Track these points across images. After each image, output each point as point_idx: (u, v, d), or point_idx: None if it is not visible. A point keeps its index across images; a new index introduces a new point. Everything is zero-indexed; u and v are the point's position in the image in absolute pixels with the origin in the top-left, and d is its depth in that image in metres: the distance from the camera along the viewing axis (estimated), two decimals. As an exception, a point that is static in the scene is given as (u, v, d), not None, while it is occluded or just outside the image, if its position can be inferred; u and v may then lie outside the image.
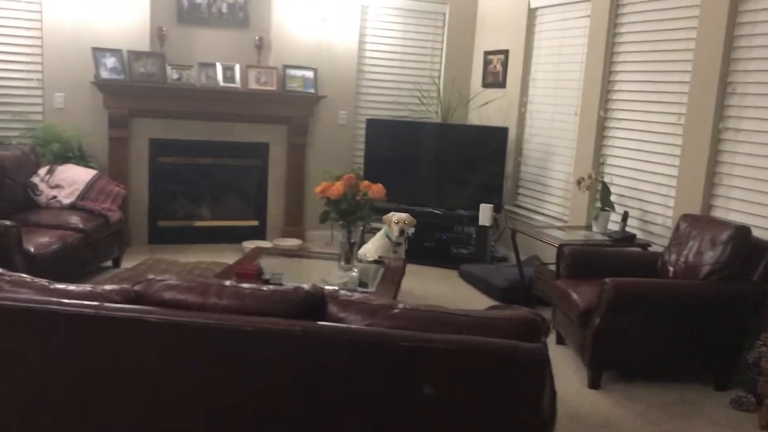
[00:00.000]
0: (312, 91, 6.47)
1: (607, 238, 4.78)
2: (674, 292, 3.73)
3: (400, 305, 2.14)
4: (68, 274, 4.68)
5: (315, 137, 6.70)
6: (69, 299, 2.10)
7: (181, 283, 2.17)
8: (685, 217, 4.23)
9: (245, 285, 2.17)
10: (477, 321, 2.05)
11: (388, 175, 6.33)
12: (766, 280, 3.68)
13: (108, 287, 2.23)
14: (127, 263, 5.51)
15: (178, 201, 6.54)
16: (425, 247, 6.20)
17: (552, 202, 6.01)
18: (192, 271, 5.23)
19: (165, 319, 2.02)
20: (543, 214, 6.09)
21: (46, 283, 2.24)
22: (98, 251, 5.16)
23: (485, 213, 5.98)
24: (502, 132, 6.16)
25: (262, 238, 6.64)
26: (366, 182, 3.89)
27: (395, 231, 4.79)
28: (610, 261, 4.36)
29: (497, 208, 6.06)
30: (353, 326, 2.04)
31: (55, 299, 2.09)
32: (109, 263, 5.43)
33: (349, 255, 3.91)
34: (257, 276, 3.68)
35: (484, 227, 6.02)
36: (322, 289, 2.20)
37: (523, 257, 6.14)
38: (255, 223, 6.71)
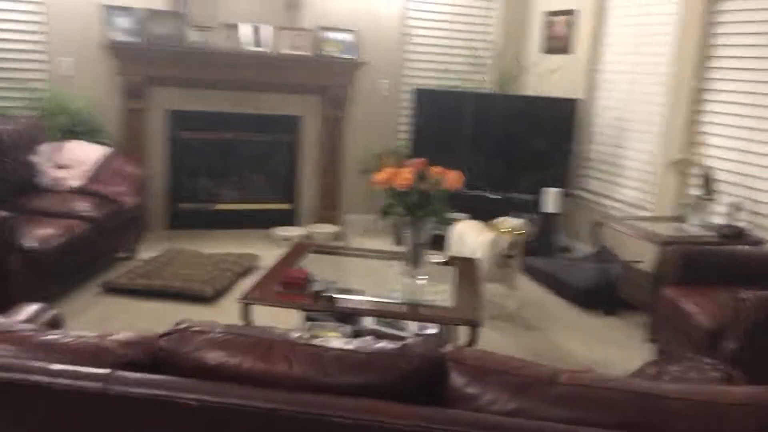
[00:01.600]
0: (351, 56, 5.69)
1: (711, 233, 4.01)
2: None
3: (565, 376, 1.40)
4: (74, 273, 4.00)
5: (354, 110, 5.93)
6: (61, 363, 1.38)
7: (231, 337, 1.44)
8: (824, 212, 3.46)
9: (328, 344, 1.44)
10: (704, 407, 1.31)
11: (438, 154, 5.53)
12: None
13: (122, 338, 1.50)
14: (144, 253, 4.81)
15: (201, 181, 5.81)
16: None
17: (628, 187, 5.22)
18: (218, 265, 4.52)
19: (210, 402, 1.30)
20: (616, 200, 5.31)
21: (31, 333, 1.52)
22: (110, 242, 4.46)
23: (552, 198, 5.21)
24: (571, 104, 5.36)
25: (294, 223, 5.92)
26: (438, 168, 3.15)
27: (507, 241, 3.86)
28: (724, 263, 3.60)
29: (565, 193, 5.29)
30: (503, 418, 1.31)
31: (39, 365, 1.37)
32: (123, 254, 4.73)
33: (418, 257, 3.16)
34: (305, 286, 2.96)
35: (549, 215, 5.25)
36: (442, 353, 1.46)
37: (587, 248, 5.42)
38: (286, 206, 5.98)
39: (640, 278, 4.13)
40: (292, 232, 5.58)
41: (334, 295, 2.88)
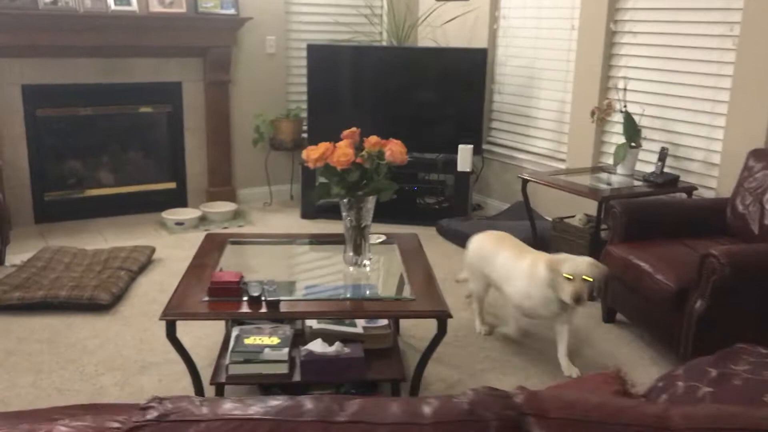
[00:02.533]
0: (232, 11, 5.07)
1: (644, 182, 3.89)
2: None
3: (676, 416, 1.08)
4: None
5: (239, 72, 5.33)
6: None
7: (236, 427, 1.00)
8: (759, 154, 3.39)
9: (372, 417, 1.03)
10: None
11: (338, 116, 5.17)
12: None
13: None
14: (13, 257, 4.08)
15: (68, 165, 5.03)
16: (388, 202, 5.09)
17: (540, 138, 5.04)
18: (108, 264, 3.89)
19: None
20: (528, 152, 5.13)
21: None
22: (-30, 249, 3.71)
23: (465, 156, 4.95)
24: (479, 55, 5.06)
25: (183, 204, 5.30)
26: (374, 138, 2.74)
27: (569, 292, 2.73)
28: (669, 216, 3.47)
29: (477, 150, 5.04)
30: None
31: None
32: (-13, 261, 3.98)
33: (361, 242, 2.76)
34: (239, 291, 2.49)
35: (463, 173, 4.99)
36: (518, 406, 1.09)
37: (503, 205, 5.24)
38: (171, 185, 5.34)
39: (573, 235, 3.96)
40: (184, 214, 4.98)
41: (277, 299, 2.44)
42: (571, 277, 2.71)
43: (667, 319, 2.96)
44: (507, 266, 3.02)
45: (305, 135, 5.37)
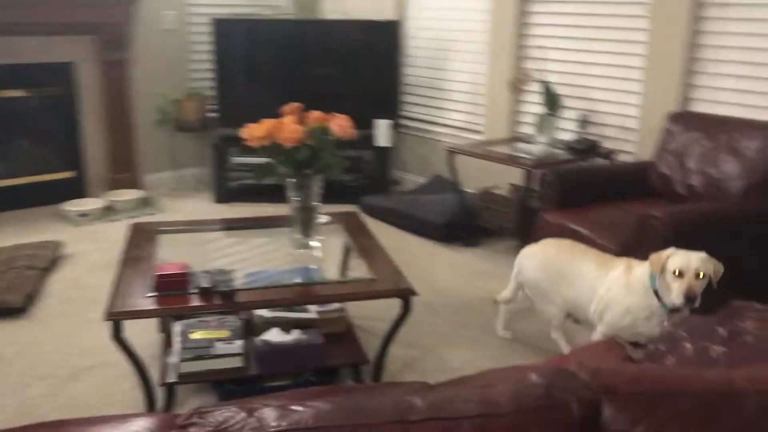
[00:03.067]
0: (126, -15, 4.71)
1: (566, 149, 3.96)
2: (728, 216, 3.01)
3: (741, 378, 1.06)
4: None
5: (138, 50, 4.98)
6: None
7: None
8: (678, 118, 3.52)
9: (452, 411, 0.94)
10: None
11: (248, 93, 4.94)
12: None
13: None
14: None
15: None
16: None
17: (456, 110, 5.04)
18: (12, 263, 3.53)
19: None
20: (444, 125, 5.12)
21: None
22: None
23: (384, 131, 4.87)
24: (392, 27, 4.97)
25: (84, 194, 4.92)
26: (317, 113, 2.60)
27: (680, 291, 2.28)
28: (598, 180, 3.57)
29: (394, 124, 4.97)
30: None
31: None
32: None
33: (310, 223, 2.63)
34: (187, 284, 2.31)
35: (381, 149, 4.92)
36: (591, 385, 1.03)
37: (419, 179, 5.20)
38: (69, 174, 4.93)
39: (501, 205, 3.99)
40: (87, 205, 4.61)
41: (233, 289, 2.27)
42: (680, 273, 2.29)
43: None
44: (592, 280, 2.58)
45: (212, 114, 5.10)
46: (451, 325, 3.16)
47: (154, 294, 2.26)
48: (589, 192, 3.47)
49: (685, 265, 2.28)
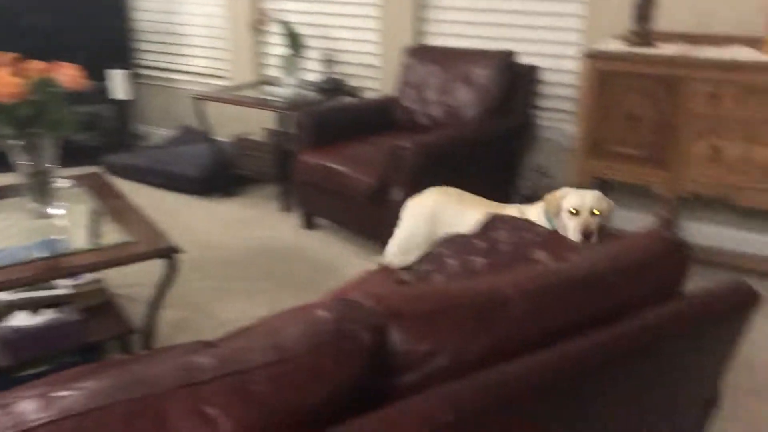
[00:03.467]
0: None
1: (314, 90, 3.97)
2: (465, 140, 3.24)
3: (507, 284, 1.15)
4: None
5: None
6: None
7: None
8: (414, 52, 3.69)
9: (243, 357, 0.89)
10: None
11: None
12: (528, 107, 3.46)
13: None
14: None
15: None
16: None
17: (197, 56, 4.80)
18: None
19: None
20: (185, 72, 4.87)
21: None
22: None
23: (119, 82, 4.49)
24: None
25: None
26: (38, 63, 2.27)
27: (575, 230, 2.30)
28: (349, 118, 3.64)
29: (131, 74, 4.61)
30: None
31: None
32: None
33: (45, 189, 2.33)
34: None
35: (118, 102, 4.54)
36: (377, 314, 1.04)
37: (166, 132, 4.94)
38: None
39: (258, 150, 3.91)
40: None
41: (-41, 275, 1.96)
42: (575, 212, 2.31)
43: (371, 213, 3.13)
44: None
45: None
46: (220, 279, 3.07)
47: None
48: (340, 130, 3.52)
49: (580, 203, 2.31)
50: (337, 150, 3.34)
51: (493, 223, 1.65)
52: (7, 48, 3.90)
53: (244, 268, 3.17)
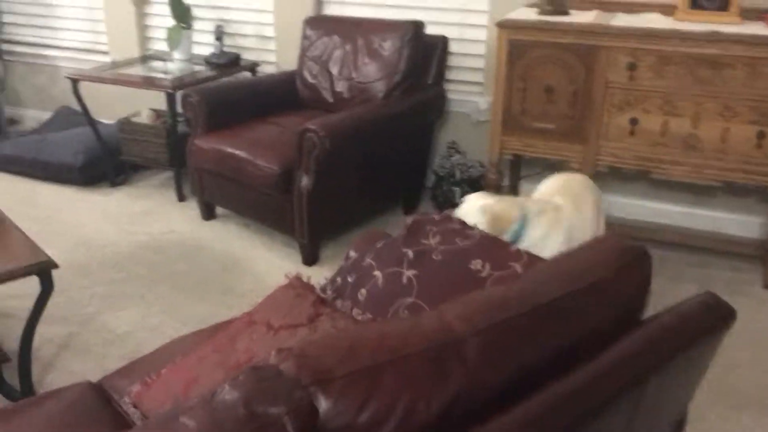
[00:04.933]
0: None
1: (206, 65, 3.63)
2: (376, 119, 3.02)
3: (458, 323, 0.96)
4: None
5: None
6: None
7: None
8: (314, 23, 3.41)
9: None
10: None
11: None
12: (439, 80, 3.28)
13: None
14: None
15: None
16: None
17: (72, 29, 4.32)
18: None
19: None
20: (60, 48, 4.38)
21: None
22: None
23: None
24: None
25: None
26: None
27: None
28: (246, 97, 3.34)
29: (-6, 51, 4.10)
30: None
31: None
32: None
33: None
34: None
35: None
36: (295, 378, 0.82)
37: (43, 114, 4.41)
38: None
39: (145, 134, 3.55)
40: None
41: None
42: None
43: (276, 202, 2.88)
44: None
45: None
46: (111, 283, 2.74)
47: None
48: (238, 110, 3.23)
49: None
50: (235, 132, 3.05)
51: (422, 225, 1.45)
52: None
53: (137, 268, 2.85)
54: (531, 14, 2.82)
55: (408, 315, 1.27)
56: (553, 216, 2.07)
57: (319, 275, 1.86)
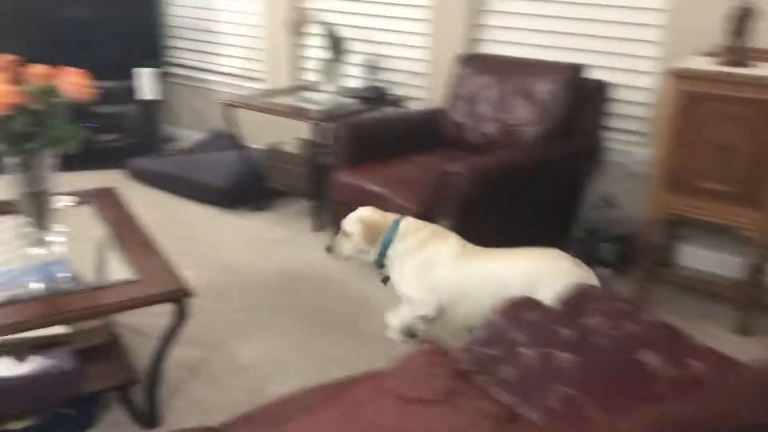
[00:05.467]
0: None
1: (354, 98, 3.63)
2: (526, 165, 2.86)
3: None
4: None
5: None
6: None
7: None
8: (468, 61, 3.31)
9: None
10: None
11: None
12: (596, 127, 3.06)
13: None
14: None
15: None
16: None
17: (231, 56, 4.50)
18: None
19: None
20: (219, 73, 4.56)
21: None
22: None
23: (147, 81, 4.21)
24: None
25: None
26: (41, 67, 1.98)
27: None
28: (391, 133, 3.29)
29: (161, 74, 4.32)
30: None
31: None
32: None
33: (43, 212, 2.03)
34: None
35: (146, 102, 4.25)
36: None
37: (196, 135, 4.61)
38: None
39: (290, 162, 3.58)
40: None
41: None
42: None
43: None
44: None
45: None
46: (243, 309, 2.74)
47: None
48: (382, 145, 3.17)
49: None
50: (377, 168, 2.99)
51: (583, 302, 1.28)
52: (29, 32, 3.62)
53: (268, 297, 2.84)
54: (708, 64, 2.57)
55: (563, 407, 1.10)
56: (423, 242, 2.24)
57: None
